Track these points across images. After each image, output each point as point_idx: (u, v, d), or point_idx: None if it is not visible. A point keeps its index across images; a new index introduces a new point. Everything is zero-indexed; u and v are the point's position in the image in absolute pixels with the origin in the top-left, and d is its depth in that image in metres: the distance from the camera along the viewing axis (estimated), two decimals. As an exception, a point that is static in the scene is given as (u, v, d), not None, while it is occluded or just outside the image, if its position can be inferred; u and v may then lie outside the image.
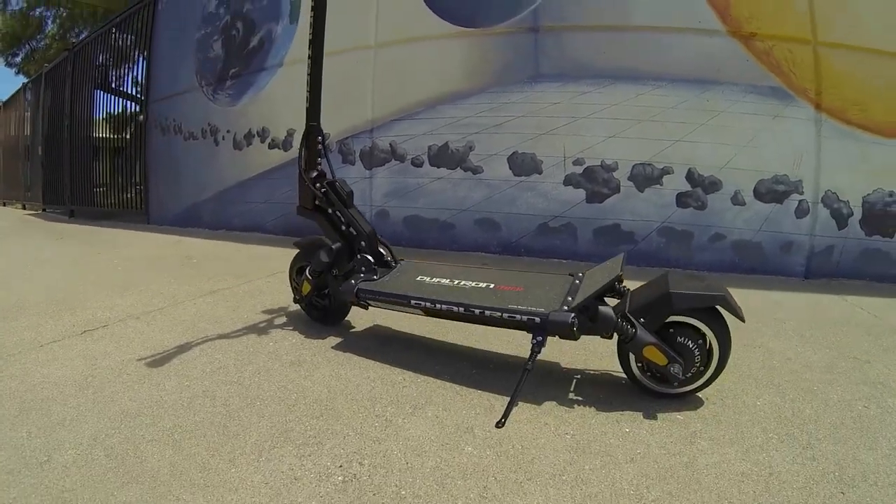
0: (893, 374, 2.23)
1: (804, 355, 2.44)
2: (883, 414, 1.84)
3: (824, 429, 1.72)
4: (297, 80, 5.89)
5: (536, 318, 1.86)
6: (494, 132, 4.74)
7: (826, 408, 1.88)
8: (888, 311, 3.30)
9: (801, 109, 4.15)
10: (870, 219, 4.14)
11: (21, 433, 1.64)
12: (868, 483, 1.42)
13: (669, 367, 1.76)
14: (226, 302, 3.25)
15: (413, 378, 2.09)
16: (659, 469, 1.47)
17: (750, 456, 1.54)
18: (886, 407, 1.90)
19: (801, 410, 1.85)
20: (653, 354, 1.77)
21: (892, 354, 2.49)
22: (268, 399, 1.89)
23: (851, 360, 2.39)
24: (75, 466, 1.46)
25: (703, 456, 1.53)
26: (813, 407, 1.88)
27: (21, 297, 3.34)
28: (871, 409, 1.88)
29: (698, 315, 1.80)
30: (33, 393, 1.93)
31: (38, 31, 18.45)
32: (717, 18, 4.23)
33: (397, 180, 5.20)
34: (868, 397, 1.98)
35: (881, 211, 4.12)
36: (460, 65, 4.89)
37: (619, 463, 1.50)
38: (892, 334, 2.81)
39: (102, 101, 9.84)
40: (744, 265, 4.26)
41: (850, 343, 2.64)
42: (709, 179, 4.26)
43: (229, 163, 6.66)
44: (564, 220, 4.57)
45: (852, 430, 1.71)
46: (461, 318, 2.07)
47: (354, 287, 2.34)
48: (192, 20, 7.25)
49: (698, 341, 1.80)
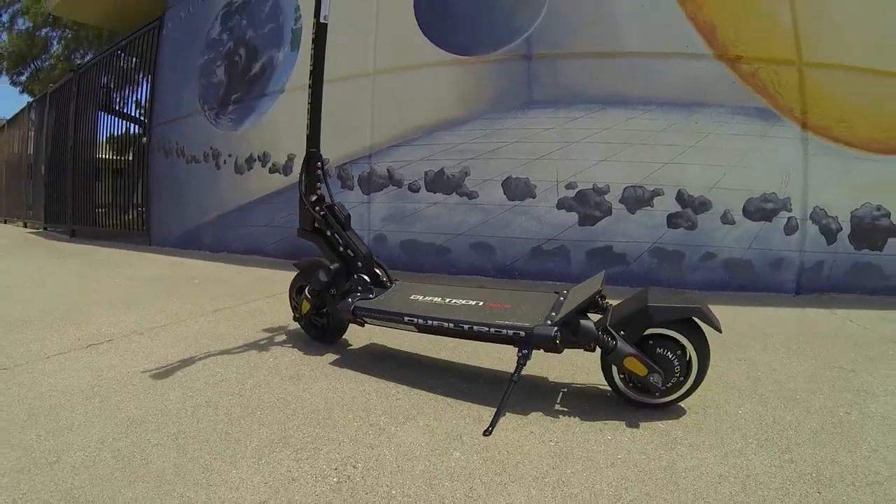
0: (878, 381, 2.31)
1: (789, 366, 2.52)
2: (864, 419, 1.92)
3: (804, 434, 1.79)
4: (298, 106, 5.98)
5: (522, 332, 1.97)
6: (489, 158, 4.86)
7: (808, 414, 1.95)
8: (878, 323, 3.38)
9: (787, 129, 4.29)
10: (858, 233, 4.25)
11: (30, 436, 1.73)
12: (845, 483, 1.49)
13: (649, 377, 1.85)
14: (227, 321, 3.33)
15: (406, 391, 2.17)
16: (638, 472, 1.54)
17: (728, 460, 1.62)
18: (868, 412, 1.97)
19: (782, 417, 1.92)
20: (633, 365, 1.86)
21: (879, 363, 2.57)
22: (268, 409, 1.97)
23: (836, 370, 2.47)
24: (83, 466, 1.55)
25: (682, 460, 1.61)
26: (794, 414, 1.95)
27: (26, 312, 3.43)
28: (852, 414, 1.95)
29: (676, 327, 1.90)
30: (41, 400, 2.02)
31: (44, 51, 18.59)
32: (704, 43, 4.38)
33: (395, 205, 5.30)
34: (850, 404, 2.05)
35: (869, 225, 4.23)
36: (456, 92, 5.03)
37: (600, 467, 1.58)
38: (881, 344, 2.89)
39: (106, 122, 10.01)
40: (735, 283, 4.35)
41: (837, 354, 2.72)
42: (698, 200, 4.37)
43: (230, 186, 6.76)
44: (558, 242, 4.67)
45: (832, 435, 1.79)
46: (451, 334, 2.17)
47: (351, 305, 2.44)
48: (196, 45, 7.41)
49: (677, 352, 1.89)
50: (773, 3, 4.30)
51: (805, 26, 4.25)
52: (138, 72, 9.36)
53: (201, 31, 7.35)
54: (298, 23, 6.12)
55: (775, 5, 4.29)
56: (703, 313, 1.85)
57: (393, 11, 5.32)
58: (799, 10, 4.26)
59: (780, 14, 4.28)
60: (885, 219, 4.23)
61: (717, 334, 1.91)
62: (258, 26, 6.56)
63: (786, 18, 4.27)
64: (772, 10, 4.30)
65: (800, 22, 4.26)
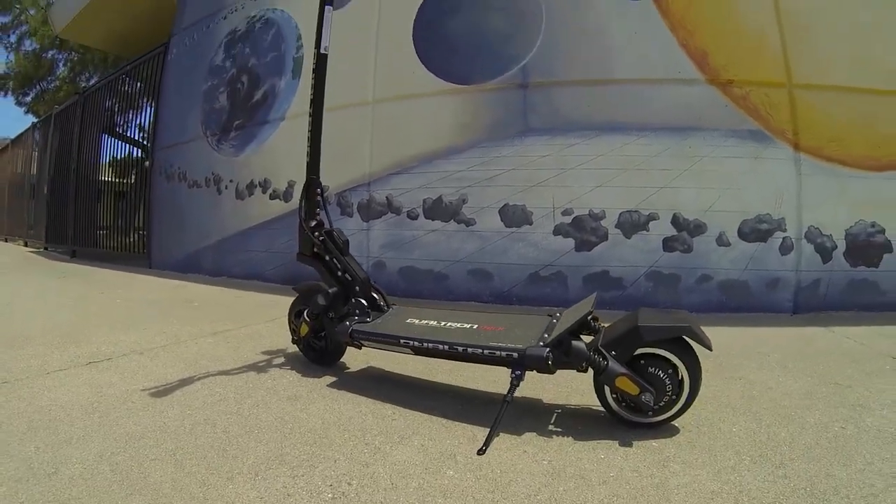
0: (874, 396, 2.33)
1: (785, 384, 2.54)
2: (860, 433, 1.94)
3: (799, 449, 1.81)
4: (299, 133, 6.05)
5: (514, 353, 2.01)
6: (486, 185, 4.92)
7: (802, 430, 1.97)
8: (875, 338, 3.40)
9: (780, 150, 4.36)
10: (853, 250, 4.31)
11: (29, 448, 1.76)
12: (840, 496, 1.51)
13: (641, 396, 1.87)
14: (226, 343, 3.36)
15: (402, 412, 2.19)
16: (630, 490, 1.56)
17: (721, 476, 1.63)
18: (864, 426, 1.99)
19: (777, 434, 1.94)
20: (625, 384, 1.89)
21: (875, 378, 2.59)
22: (265, 428, 1.99)
23: (832, 386, 2.49)
24: (81, 479, 1.57)
25: (674, 477, 1.63)
26: (789, 430, 1.97)
27: (26, 329, 3.47)
28: (847, 429, 1.97)
29: (667, 346, 1.93)
30: (41, 414, 2.05)
31: (50, 73, 18.89)
32: (696, 68, 4.47)
33: (393, 232, 5.34)
34: (846, 418, 2.07)
35: (864, 242, 4.29)
36: (453, 120, 5.10)
37: (592, 485, 1.60)
38: (878, 359, 2.92)
39: (109, 145, 10.14)
40: (732, 304, 4.37)
41: (833, 370, 2.74)
42: (694, 223, 4.42)
43: (231, 212, 6.82)
44: (555, 268, 4.70)
45: (827, 450, 1.80)
46: (447, 356, 2.21)
47: (349, 328, 2.49)
48: (200, 72, 7.54)
49: (668, 371, 1.92)
50: (761, 27, 4.41)
51: (794, 49, 4.35)
52: (142, 96, 9.50)
53: (205, 57, 7.49)
54: (300, 51, 6.24)
55: (764, 30, 4.41)
56: (693, 332, 1.89)
57: (392, 41, 5.43)
58: (787, 34, 4.37)
59: (769, 38, 4.39)
60: (880, 235, 4.29)
61: (712, 354, 1.94)
62: (261, 54, 6.68)
63: (775, 42, 4.38)
64: (761, 34, 4.41)
65: (788, 45, 4.36)
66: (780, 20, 4.39)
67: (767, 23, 4.40)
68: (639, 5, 4.61)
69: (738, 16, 4.46)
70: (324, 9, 2.65)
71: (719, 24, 4.47)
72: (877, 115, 4.30)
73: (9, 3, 18.06)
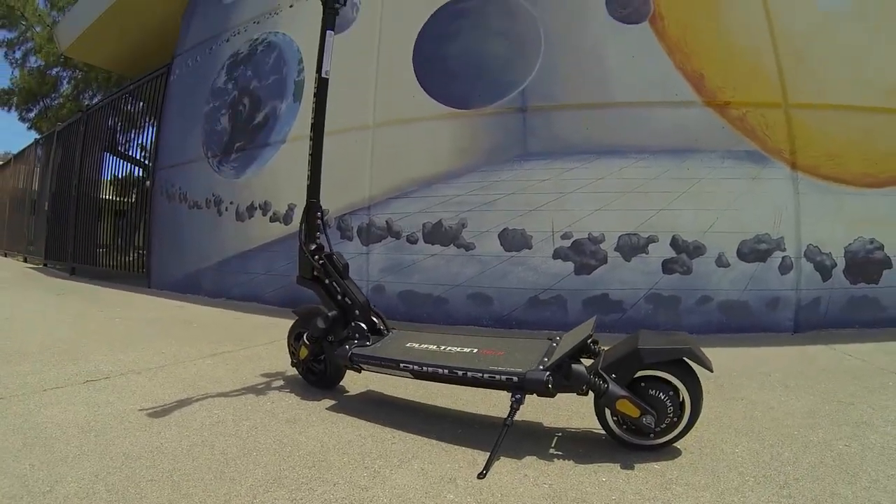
0: (878, 412, 2.31)
1: (787, 403, 2.52)
2: (864, 450, 1.92)
3: (803, 469, 1.80)
4: (300, 156, 6.07)
5: (514, 377, 2.00)
6: (486, 209, 4.93)
7: (806, 449, 1.96)
8: (877, 355, 3.39)
9: (777, 169, 4.38)
10: (853, 268, 4.31)
11: (24, 465, 1.75)
12: None
13: (643, 418, 1.87)
14: (225, 364, 3.34)
15: (402, 436, 2.18)
16: (631, 515, 1.55)
17: (725, 498, 1.62)
18: (868, 444, 1.97)
19: (780, 454, 1.93)
20: (626, 407, 1.88)
21: (878, 394, 2.57)
22: (263, 450, 1.98)
23: (835, 404, 2.47)
24: (77, 497, 1.56)
25: (677, 500, 1.62)
26: (792, 450, 1.96)
27: (24, 345, 3.46)
28: (852, 447, 1.96)
29: (667, 368, 1.93)
30: (37, 431, 2.04)
31: (53, 90, 19.00)
32: (693, 90, 4.52)
33: (393, 256, 5.34)
34: (850, 436, 2.06)
35: (863, 259, 4.30)
36: (453, 145, 5.13)
37: (594, 510, 1.58)
38: (880, 376, 2.90)
39: (110, 164, 10.20)
40: (732, 325, 4.36)
41: (836, 388, 2.72)
42: (693, 244, 4.42)
43: (231, 233, 6.82)
44: (554, 292, 4.70)
45: (831, 468, 1.79)
46: (446, 380, 2.21)
47: (348, 352, 2.49)
48: (202, 93, 7.60)
49: (669, 393, 1.91)
50: (757, 49, 4.47)
51: (789, 70, 4.41)
52: (144, 116, 9.57)
53: (207, 79, 7.56)
54: (301, 75, 6.29)
55: (759, 51, 4.46)
56: (694, 353, 1.89)
57: (392, 66, 5.48)
58: (782, 55, 4.43)
59: (764, 59, 4.45)
60: (879, 251, 4.30)
61: (714, 375, 1.94)
62: (262, 77, 6.74)
63: (770, 63, 4.44)
64: (756, 56, 4.46)
65: (784, 66, 4.41)
66: (775, 42, 4.45)
67: (762, 44, 4.47)
68: (636, 29, 4.67)
69: (733, 38, 4.53)
70: (325, 34, 2.69)
71: (715, 46, 4.53)
72: (873, 133, 4.35)
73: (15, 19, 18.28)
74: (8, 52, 19.02)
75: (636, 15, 4.67)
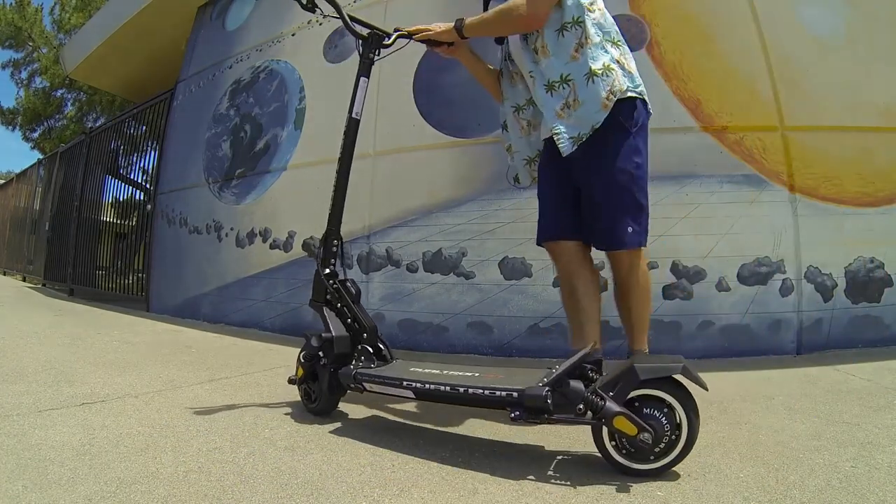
0: (884, 432, 2.28)
1: (792, 427, 2.48)
2: (871, 471, 1.89)
3: (809, 492, 1.76)
4: (301, 184, 6.09)
5: (515, 393, 2.04)
6: (486, 238, 4.91)
7: (812, 472, 1.92)
8: (881, 374, 3.36)
9: (775, 192, 4.39)
10: (854, 287, 4.29)
11: (17, 486, 1.72)
12: None
13: (640, 435, 1.86)
14: (223, 390, 3.31)
15: (402, 464, 2.15)
16: (636, 547, 1.52)
17: (728, 528, 1.59)
18: (875, 464, 1.95)
19: (786, 478, 1.89)
20: (623, 425, 1.88)
21: (884, 414, 2.55)
22: (261, 478, 1.94)
23: (841, 425, 2.44)
24: (71, 522, 1.52)
25: (680, 533, 1.59)
26: (798, 473, 1.92)
27: (19, 365, 3.43)
28: (858, 467, 1.93)
29: (661, 386, 1.94)
30: (31, 452, 2.01)
31: (58, 111, 19.27)
32: (690, 116, 4.54)
33: (393, 285, 5.31)
34: (856, 457, 2.03)
35: (864, 278, 4.29)
36: (453, 173, 5.14)
37: (597, 541, 1.55)
38: (885, 395, 2.87)
39: (112, 186, 10.26)
40: (734, 349, 4.32)
41: (841, 409, 2.69)
42: (693, 269, 4.41)
43: (231, 259, 6.80)
44: (554, 320, 4.66)
45: (838, 490, 1.76)
46: (448, 398, 2.26)
47: (353, 371, 2.54)
48: (204, 119, 7.65)
49: (664, 410, 1.93)
50: (752, 74, 4.51)
51: (785, 93, 4.44)
52: (147, 140, 9.64)
53: (210, 105, 7.62)
54: (302, 103, 6.33)
55: (755, 76, 4.50)
56: (688, 370, 1.91)
57: (393, 95, 5.51)
58: (777, 79, 4.47)
59: (760, 84, 4.49)
60: (880, 270, 4.30)
61: (718, 400, 1.92)
62: (264, 104, 6.79)
63: (766, 88, 4.48)
64: (752, 80, 4.50)
65: (779, 90, 4.45)
66: (771, 67, 4.51)
67: (758, 70, 4.52)
68: (634, 56, 4.70)
69: (729, 64, 4.58)
70: (359, 79, 2.91)
71: (711, 72, 4.58)
72: (870, 152, 4.39)
73: (22, 40, 18.55)
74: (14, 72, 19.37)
75: (633, 42, 4.70)
